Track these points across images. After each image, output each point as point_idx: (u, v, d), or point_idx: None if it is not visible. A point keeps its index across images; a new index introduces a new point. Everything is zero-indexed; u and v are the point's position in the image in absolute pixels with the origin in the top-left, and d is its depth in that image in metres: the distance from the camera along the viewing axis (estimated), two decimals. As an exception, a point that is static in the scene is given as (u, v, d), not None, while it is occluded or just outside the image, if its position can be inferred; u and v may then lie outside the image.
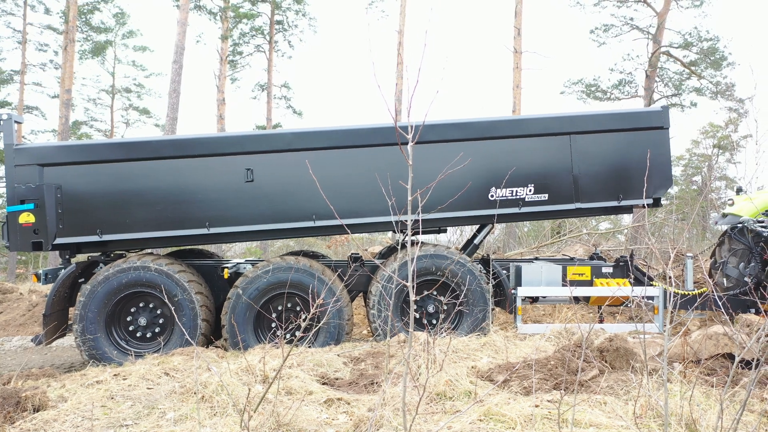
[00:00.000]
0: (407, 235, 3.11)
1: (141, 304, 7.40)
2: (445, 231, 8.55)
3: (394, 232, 7.71)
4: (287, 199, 7.37)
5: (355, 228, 7.60)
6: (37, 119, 52.13)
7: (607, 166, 7.66)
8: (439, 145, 7.16)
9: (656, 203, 7.82)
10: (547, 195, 7.56)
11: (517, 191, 7.51)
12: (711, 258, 8.74)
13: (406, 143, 2.93)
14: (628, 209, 8.03)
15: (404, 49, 22.92)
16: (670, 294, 3.59)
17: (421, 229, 6.70)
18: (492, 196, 7.49)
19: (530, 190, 7.52)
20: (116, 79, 34.99)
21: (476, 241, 8.24)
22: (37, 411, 4.63)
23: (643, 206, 7.99)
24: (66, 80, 21.22)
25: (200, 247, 9.40)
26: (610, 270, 7.92)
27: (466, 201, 6.95)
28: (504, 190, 7.47)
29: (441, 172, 6.85)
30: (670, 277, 3.67)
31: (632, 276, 7.82)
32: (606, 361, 5.41)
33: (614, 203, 7.65)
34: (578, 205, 7.60)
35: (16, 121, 7.32)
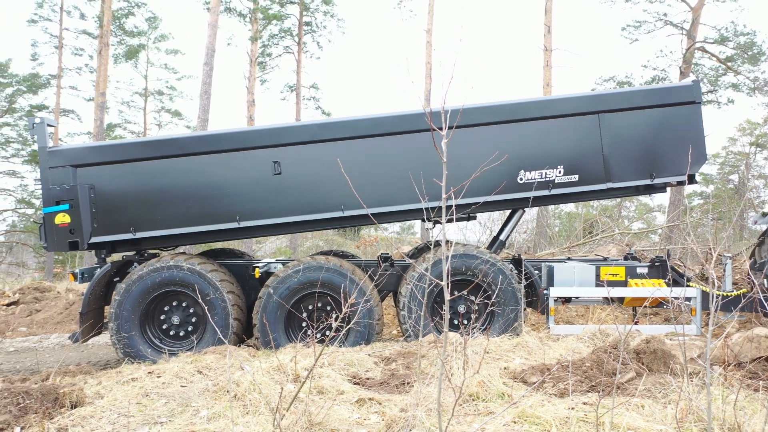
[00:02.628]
0: (442, 221, 3.04)
1: (174, 303, 7.49)
2: (474, 218, 8.44)
3: (423, 220, 7.65)
4: (315, 190, 7.38)
5: (385, 217, 7.56)
6: (73, 122, 53.58)
7: (638, 144, 7.50)
8: (466, 130, 7.03)
9: (691, 180, 7.62)
10: (577, 176, 7.44)
11: (546, 173, 7.41)
12: (750, 258, 8.50)
13: (438, 129, 2.89)
14: (662, 188, 7.84)
15: (433, 48, 22.83)
16: (712, 295, 3.47)
17: (454, 216, 6.67)
18: (521, 179, 7.40)
19: (560, 172, 7.42)
20: (149, 81, 35.71)
21: (507, 230, 8.15)
22: (75, 407, 4.71)
23: (677, 184, 7.79)
24: (101, 83, 21.66)
25: (231, 246, 9.48)
26: (645, 270, 7.75)
27: (494, 185, 6.87)
28: (533, 172, 7.38)
29: (470, 156, 6.85)
30: (711, 278, 3.56)
31: (670, 276, 7.64)
32: (643, 364, 5.28)
33: (647, 182, 7.50)
34: (609, 185, 7.46)
35: (48, 125, 7.46)
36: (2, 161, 31.63)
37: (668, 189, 8.24)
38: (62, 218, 7.19)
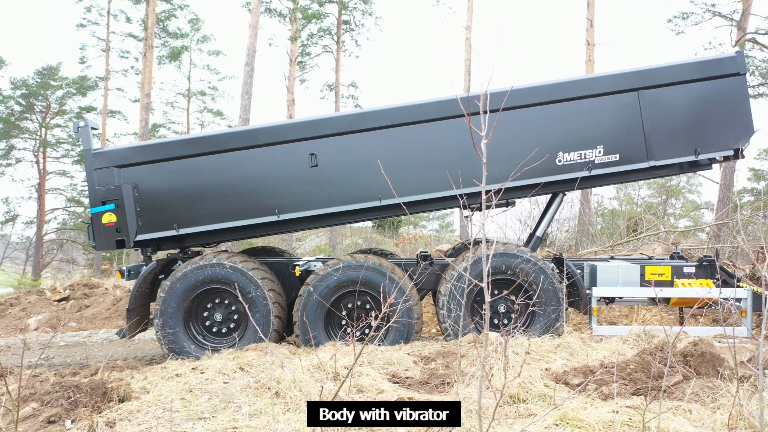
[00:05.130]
0: (480, 207, 3.00)
1: (217, 300, 7.62)
2: (513, 204, 8.32)
3: (462, 208, 7.56)
4: (352, 180, 7.40)
5: (423, 205, 7.52)
6: (120, 123, 55.11)
7: (680, 119, 7.28)
8: (503, 113, 6.81)
9: (738, 154, 7.35)
10: (618, 155, 7.26)
11: (585, 154, 7.26)
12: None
13: (475, 114, 2.85)
14: (707, 165, 7.60)
15: (472, 48, 22.65)
16: (765, 296, 3.34)
17: (493, 203, 6.49)
18: (560, 161, 7.26)
19: (600, 152, 7.25)
20: (192, 82, 36.43)
21: (546, 219, 8.02)
22: (122, 401, 4.84)
23: (724, 159, 7.52)
24: (145, 85, 22.21)
25: (272, 245, 9.59)
26: (693, 270, 7.52)
27: (533, 168, 6.75)
28: (572, 153, 7.25)
29: (506, 139, 6.78)
30: (763, 278, 3.43)
31: (719, 277, 7.39)
32: (690, 367, 5.13)
33: (691, 158, 7.28)
34: (652, 163, 7.25)
35: (92, 128, 7.66)
36: (53, 161, 32.80)
37: (715, 166, 7.93)
38: (109, 218, 7.39)
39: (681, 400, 4.44)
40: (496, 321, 7.34)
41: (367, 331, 7.18)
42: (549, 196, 8.15)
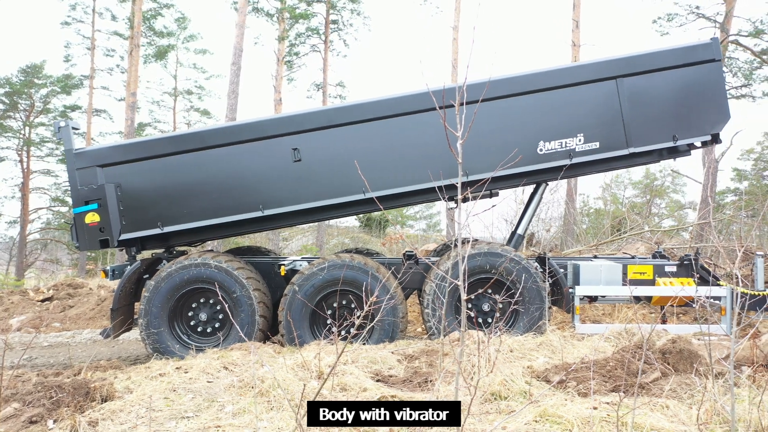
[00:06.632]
0: (464, 199, 3.05)
1: (202, 300, 7.61)
2: (497, 194, 8.40)
3: (445, 200, 7.61)
4: (335, 174, 7.43)
5: (407, 197, 7.59)
6: (105, 122, 54.66)
7: (658, 106, 7.41)
8: (482, 104, 6.90)
9: (715, 139, 7.50)
10: (598, 143, 7.38)
11: (566, 142, 7.37)
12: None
13: (450, 107, 2.90)
14: (686, 151, 7.72)
15: (459, 45, 22.73)
16: (737, 294, 3.42)
17: (476, 193, 6.26)
18: (541, 150, 7.36)
19: (580, 140, 7.37)
20: (178, 81, 36.25)
21: (529, 212, 8.09)
22: (105, 401, 4.84)
23: (702, 145, 7.65)
24: (131, 84, 22.07)
25: (258, 245, 9.58)
26: (674, 269, 7.64)
27: (514, 158, 6.81)
28: (553, 142, 7.36)
29: (487, 130, 6.84)
30: (737, 277, 3.51)
31: (697, 275, 7.51)
32: (668, 364, 5.22)
33: (670, 144, 7.42)
34: (632, 149, 7.39)
35: (73, 128, 7.62)
36: (37, 160, 32.45)
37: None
38: (92, 217, 7.37)
39: (659, 396, 4.52)
40: (480, 320, 7.40)
41: (352, 330, 7.20)
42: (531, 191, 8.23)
